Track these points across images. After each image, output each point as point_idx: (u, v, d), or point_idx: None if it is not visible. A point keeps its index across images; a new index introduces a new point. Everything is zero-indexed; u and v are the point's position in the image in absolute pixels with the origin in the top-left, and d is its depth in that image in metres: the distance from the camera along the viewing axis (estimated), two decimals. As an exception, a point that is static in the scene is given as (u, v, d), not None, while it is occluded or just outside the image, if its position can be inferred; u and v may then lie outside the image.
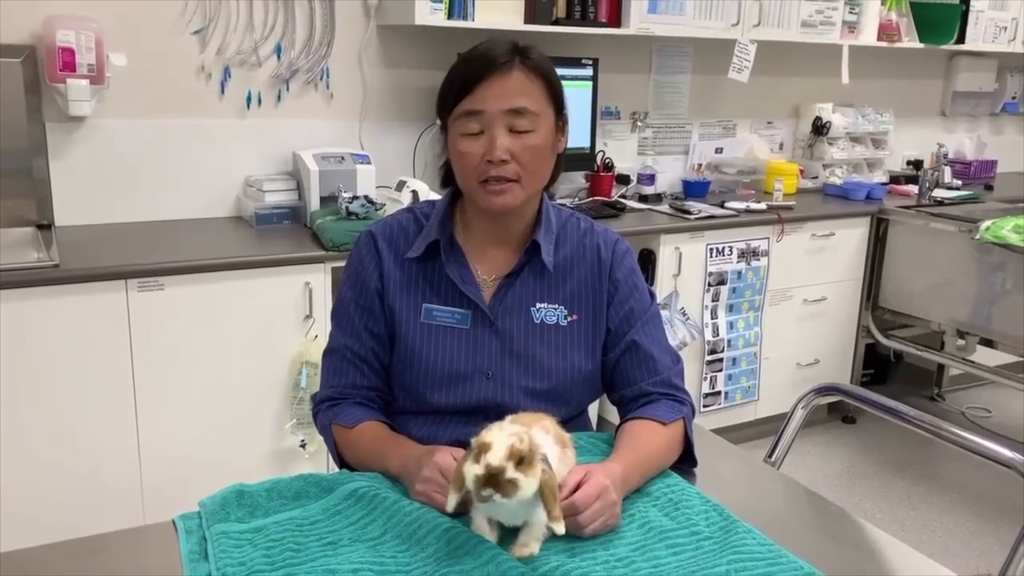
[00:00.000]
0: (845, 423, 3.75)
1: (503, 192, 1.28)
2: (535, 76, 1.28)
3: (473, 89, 1.26)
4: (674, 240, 3.07)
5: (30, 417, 2.17)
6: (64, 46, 2.38)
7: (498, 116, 1.26)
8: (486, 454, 0.99)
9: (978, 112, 4.62)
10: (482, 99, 1.25)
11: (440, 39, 2.99)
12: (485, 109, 1.25)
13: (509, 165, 1.27)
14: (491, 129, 1.26)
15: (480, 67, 1.26)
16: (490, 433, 1.01)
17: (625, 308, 1.38)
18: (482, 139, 1.27)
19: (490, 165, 1.26)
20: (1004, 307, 3.12)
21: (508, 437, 1.00)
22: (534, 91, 1.28)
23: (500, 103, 1.25)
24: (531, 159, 1.28)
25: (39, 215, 2.55)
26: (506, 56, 1.26)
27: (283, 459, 2.51)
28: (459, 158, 1.29)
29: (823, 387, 1.70)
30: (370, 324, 1.36)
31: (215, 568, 1.02)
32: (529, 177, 1.30)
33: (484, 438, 1.00)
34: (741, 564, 1.05)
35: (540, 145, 1.29)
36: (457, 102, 1.27)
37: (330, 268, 2.46)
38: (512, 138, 1.26)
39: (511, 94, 1.26)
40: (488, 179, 1.27)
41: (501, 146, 1.25)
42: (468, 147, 1.27)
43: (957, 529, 2.98)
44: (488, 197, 1.29)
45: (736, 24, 3.31)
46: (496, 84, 1.25)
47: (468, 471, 1.00)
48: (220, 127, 2.79)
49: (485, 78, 1.25)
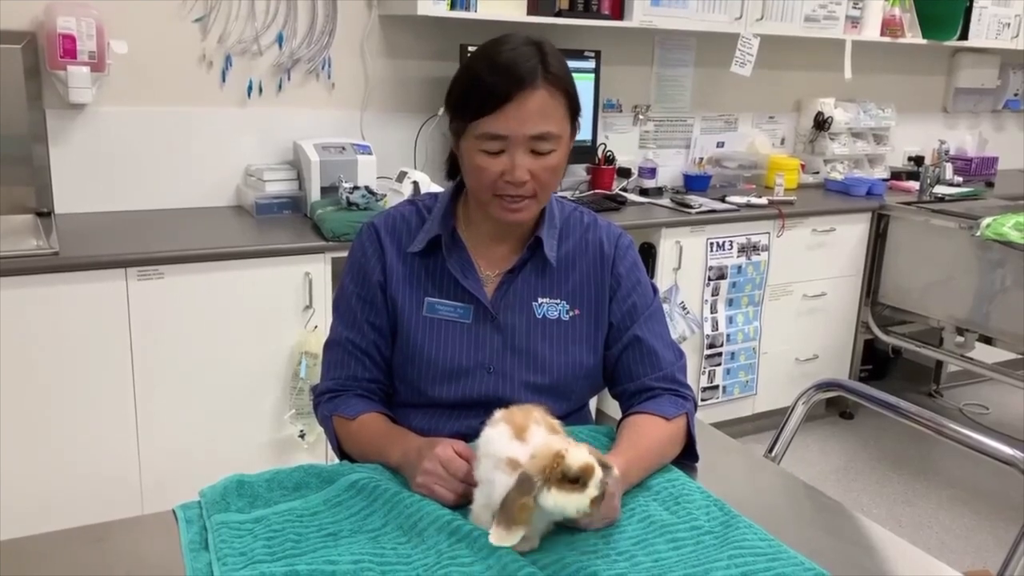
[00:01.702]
0: (843, 418, 3.76)
1: (520, 209, 1.28)
2: (557, 92, 1.25)
3: (497, 109, 1.22)
4: (674, 234, 3.07)
5: (29, 405, 2.17)
6: (65, 33, 2.37)
7: (521, 141, 1.23)
8: (591, 477, 0.98)
9: (980, 109, 4.61)
10: (506, 123, 1.22)
11: (442, 30, 2.98)
12: (509, 135, 1.23)
13: (527, 185, 1.26)
14: (512, 151, 1.24)
15: (505, 84, 1.22)
16: (577, 453, 0.99)
17: (628, 303, 1.38)
18: (502, 158, 1.24)
19: (508, 184, 1.25)
20: (1003, 304, 3.12)
21: (583, 451, 1.00)
22: (556, 112, 1.25)
23: (524, 128, 1.23)
24: (549, 178, 1.28)
25: (39, 203, 2.55)
26: (531, 72, 1.22)
27: (282, 449, 2.51)
28: (476, 172, 1.27)
29: (824, 383, 1.70)
30: (372, 317, 1.36)
31: (215, 558, 1.02)
32: (544, 192, 1.29)
33: (579, 460, 0.98)
34: (741, 559, 1.05)
35: (558, 164, 1.28)
36: (478, 116, 1.24)
37: (330, 258, 2.46)
38: (532, 159, 1.25)
39: (535, 119, 1.23)
40: (504, 195, 1.27)
41: (522, 168, 1.24)
42: (487, 164, 1.25)
43: (954, 525, 2.98)
44: (504, 212, 1.29)
45: (739, 18, 3.30)
46: (520, 107, 1.21)
47: (576, 501, 0.98)
48: (221, 116, 2.78)
49: (510, 99, 1.21)
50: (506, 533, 0.99)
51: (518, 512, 0.98)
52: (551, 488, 0.98)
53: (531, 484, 0.98)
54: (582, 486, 0.98)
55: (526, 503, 0.98)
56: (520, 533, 0.99)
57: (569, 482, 0.99)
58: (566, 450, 0.99)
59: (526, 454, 1.03)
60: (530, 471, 0.99)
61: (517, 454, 1.03)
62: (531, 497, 0.98)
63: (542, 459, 1.00)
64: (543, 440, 1.04)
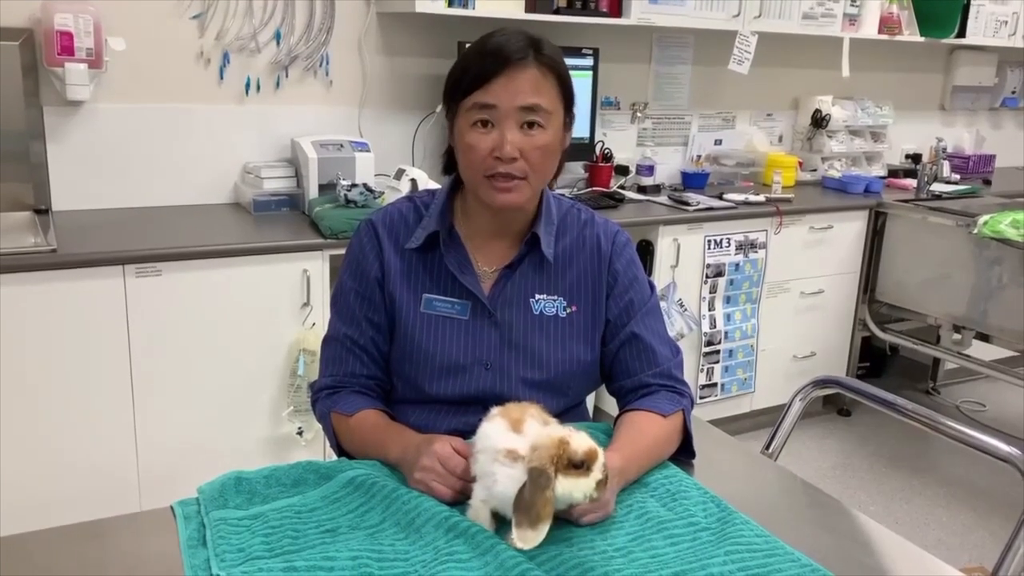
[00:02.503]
0: (840, 416, 3.76)
1: (510, 189, 1.28)
2: (549, 73, 1.26)
3: (486, 83, 1.24)
4: (672, 231, 3.07)
5: (27, 402, 2.17)
6: (62, 30, 2.37)
7: (510, 112, 1.24)
8: (595, 461, 0.99)
9: (977, 106, 4.61)
10: (495, 94, 1.24)
11: (440, 27, 2.98)
12: (498, 104, 1.24)
13: (518, 163, 1.26)
14: (502, 125, 1.25)
15: (495, 61, 1.24)
16: (579, 438, 1.00)
17: (625, 299, 1.38)
18: (492, 133, 1.25)
19: (498, 161, 1.25)
20: (1000, 302, 3.13)
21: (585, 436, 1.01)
22: (547, 89, 1.27)
23: (514, 99, 1.24)
24: (540, 157, 1.28)
25: (36, 199, 2.55)
26: (521, 51, 1.24)
27: (280, 446, 2.51)
28: (466, 150, 1.28)
29: (821, 379, 1.71)
30: (370, 313, 1.36)
31: (214, 554, 1.02)
32: (536, 175, 1.29)
33: (583, 445, 0.99)
34: (738, 555, 1.05)
35: (550, 143, 1.28)
36: (469, 93, 1.25)
37: (328, 256, 2.46)
38: (522, 135, 1.25)
39: (525, 91, 1.24)
40: (495, 174, 1.27)
41: (512, 143, 1.24)
42: (477, 140, 1.26)
43: (951, 522, 2.99)
44: (494, 193, 1.28)
45: (737, 15, 3.30)
46: (510, 79, 1.23)
47: (584, 485, 0.99)
48: (219, 113, 2.78)
49: (500, 72, 1.23)
50: (532, 532, 0.97)
51: (542, 508, 0.97)
52: (556, 475, 0.98)
53: (548, 477, 0.98)
54: (586, 470, 0.99)
55: (549, 497, 0.97)
56: (545, 529, 0.98)
57: (574, 467, 0.99)
58: (569, 436, 1.00)
59: (524, 445, 1.03)
60: (539, 463, 0.99)
61: (515, 445, 1.04)
62: (551, 490, 0.97)
63: (547, 448, 1.00)
64: (541, 430, 1.04)
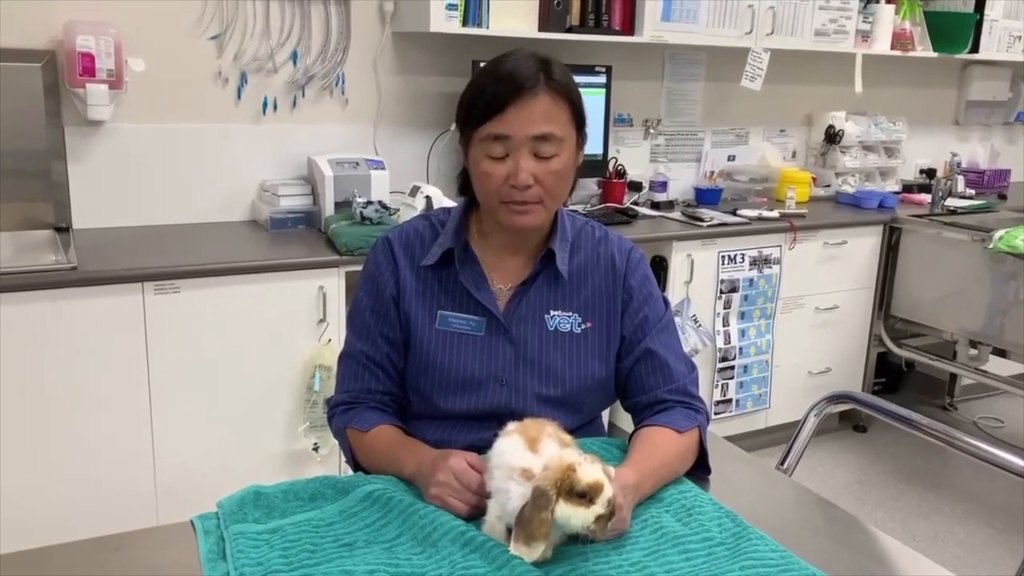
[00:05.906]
0: (856, 431, 3.74)
1: (526, 212, 1.30)
2: (560, 98, 1.28)
3: (499, 112, 1.25)
4: (686, 247, 3.07)
5: (47, 417, 2.19)
6: (84, 51, 2.41)
7: (524, 141, 1.26)
8: (599, 495, 0.99)
9: (991, 121, 4.60)
10: (508, 124, 1.25)
11: (455, 46, 3.01)
12: (511, 134, 1.26)
13: (532, 189, 1.28)
14: (516, 154, 1.26)
15: (507, 89, 1.25)
16: (589, 470, 1.00)
17: (639, 316, 1.39)
18: (506, 162, 1.27)
19: (513, 189, 1.27)
20: (1017, 317, 3.11)
21: (597, 469, 1.01)
22: (559, 115, 1.28)
23: (526, 129, 1.25)
24: (554, 183, 1.30)
25: (57, 218, 2.58)
26: (533, 78, 1.26)
27: (296, 462, 2.52)
28: (482, 178, 1.30)
29: (836, 395, 1.71)
30: (385, 330, 1.37)
31: (233, 568, 1.03)
32: (551, 199, 1.31)
33: (589, 476, 0.99)
34: (753, 570, 1.05)
35: (563, 169, 1.30)
36: (482, 122, 1.27)
37: (344, 273, 2.48)
38: (536, 162, 1.27)
39: (537, 120, 1.26)
40: (511, 200, 1.29)
41: (526, 170, 1.26)
42: (492, 169, 1.28)
43: (969, 539, 2.96)
44: (511, 216, 1.30)
45: (749, 32, 3.31)
46: (523, 108, 1.25)
47: (581, 516, 0.99)
48: (236, 132, 2.81)
49: (513, 101, 1.25)
50: (527, 549, 1.00)
51: (537, 528, 0.99)
52: (559, 499, 0.99)
53: (548, 499, 0.99)
54: (589, 502, 0.99)
55: (545, 518, 0.99)
56: (540, 548, 1.00)
57: (577, 496, 0.99)
58: (579, 464, 1.00)
59: (539, 464, 1.04)
60: (543, 484, 1.00)
61: (531, 464, 1.04)
62: (549, 512, 0.99)
63: (554, 471, 1.01)
64: (556, 451, 1.04)
